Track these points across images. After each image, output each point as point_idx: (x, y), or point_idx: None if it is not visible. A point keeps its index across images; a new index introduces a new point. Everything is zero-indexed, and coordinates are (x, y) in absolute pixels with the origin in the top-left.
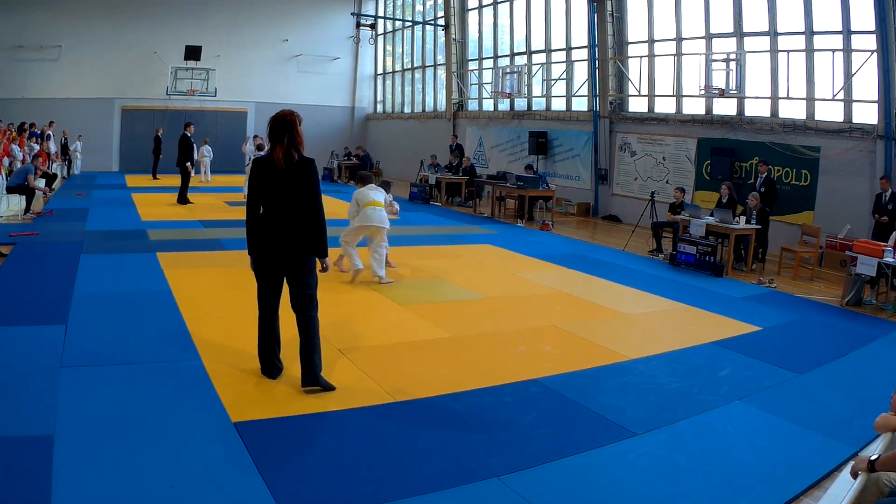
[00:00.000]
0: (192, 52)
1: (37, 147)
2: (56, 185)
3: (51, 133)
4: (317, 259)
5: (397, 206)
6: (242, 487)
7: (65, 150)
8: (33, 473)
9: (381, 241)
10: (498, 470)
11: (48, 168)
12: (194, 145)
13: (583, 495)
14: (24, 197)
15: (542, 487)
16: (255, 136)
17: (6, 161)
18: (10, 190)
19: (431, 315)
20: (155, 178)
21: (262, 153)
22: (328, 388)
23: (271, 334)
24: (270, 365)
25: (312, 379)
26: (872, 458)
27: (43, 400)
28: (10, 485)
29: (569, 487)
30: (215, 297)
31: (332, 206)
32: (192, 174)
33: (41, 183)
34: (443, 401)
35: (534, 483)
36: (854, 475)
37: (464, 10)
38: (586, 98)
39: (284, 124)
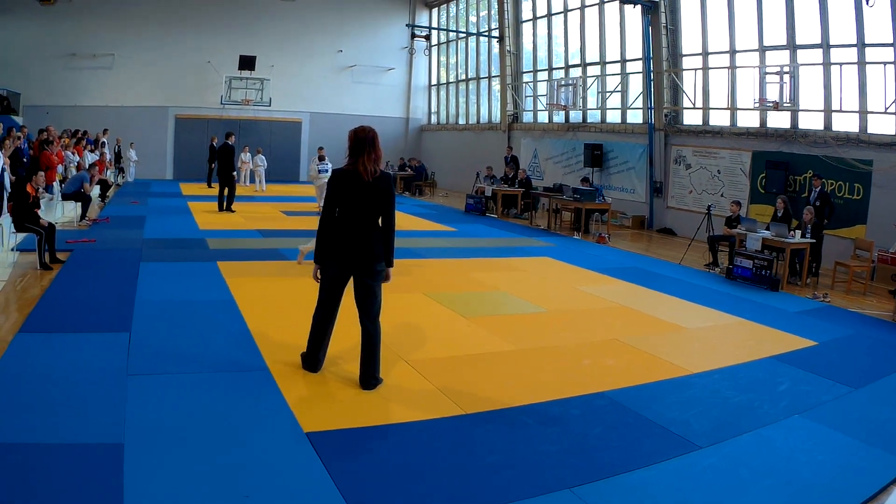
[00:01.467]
0: (247, 62)
1: (95, 156)
2: (110, 192)
3: (105, 141)
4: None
5: None
6: (318, 498)
7: (118, 157)
8: (105, 481)
9: None
10: (570, 482)
11: (104, 174)
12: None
13: None
14: (80, 204)
15: (612, 499)
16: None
17: (60, 168)
18: (66, 197)
19: (496, 327)
20: (210, 186)
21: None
22: (379, 383)
23: (325, 336)
24: (315, 361)
25: (374, 382)
26: None
27: (111, 407)
28: (83, 492)
29: (637, 500)
30: (279, 307)
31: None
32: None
33: (96, 191)
34: (511, 413)
35: (605, 495)
36: None
37: (518, 22)
38: (641, 110)
39: (367, 140)
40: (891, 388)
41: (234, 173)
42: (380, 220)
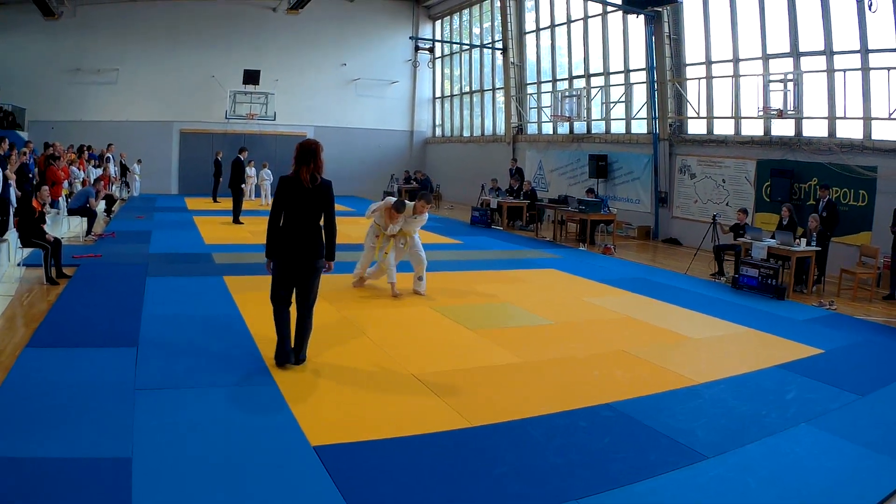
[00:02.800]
0: (251, 77)
1: (98, 171)
2: (115, 207)
3: (110, 156)
4: (325, 260)
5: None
6: None
7: (123, 172)
8: (113, 495)
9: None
10: (577, 493)
11: (108, 189)
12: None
13: None
14: (86, 219)
15: None
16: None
17: (66, 183)
18: (72, 212)
19: (502, 340)
20: (215, 201)
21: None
22: (302, 361)
23: (285, 329)
24: (284, 354)
25: (302, 358)
26: None
27: (119, 422)
28: None
29: None
30: None
31: None
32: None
33: (101, 206)
34: (518, 425)
35: None
36: None
37: (521, 34)
38: (645, 121)
39: (311, 151)
40: None
41: (242, 186)
42: (321, 221)
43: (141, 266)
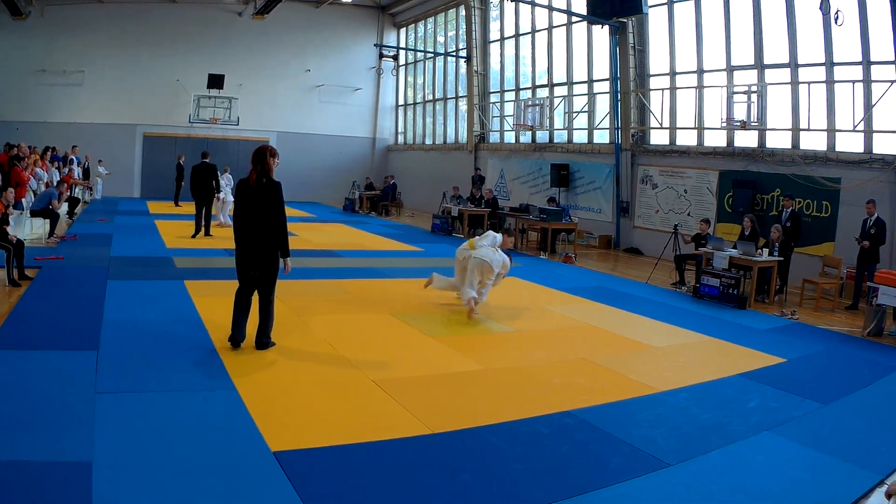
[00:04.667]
0: (215, 81)
1: (62, 172)
2: (78, 209)
3: (74, 157)
4: (282, 259)
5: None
6: None
7: (86, 174)
8: (73, 499)
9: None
10: (538, 500)
11: (72, 192)
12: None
13: None
14: (48, 221)
15: None
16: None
17: (33, 183)
18: (34, 213)
19: (463, 347)
20: (177, 205)
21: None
22: (270, 345)
23: (241, 319)
24: (235, 340)
25: (261, 346)
26: None
27: (80, 426)
28: None
29: None
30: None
31: (355, 238)
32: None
33: (64, 208)
34: (480, 432)
35: None
36: (888, 496)
37: (486, 43)
38: (608, 130)
39: (260, 154)
40: (861, 403)
41: (219, 195)
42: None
43: (102, 269)
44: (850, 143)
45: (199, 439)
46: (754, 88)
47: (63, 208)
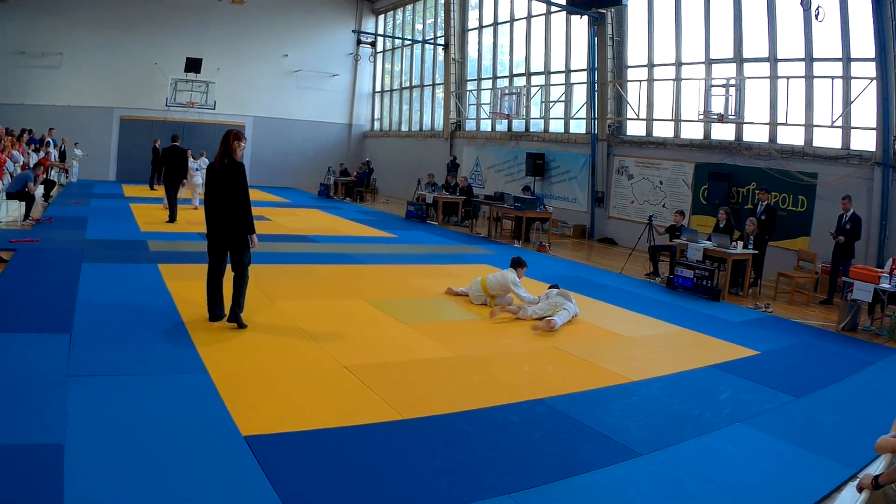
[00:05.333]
0: (193, 65)
1: (39, 155)
2: (53, 192)
3: (51, 140)
4: (249, 236)
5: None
6: (256, 500)
7: (62, 157)
8: (45, 482)
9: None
10: (508, 488)
11: (48, 175)
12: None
13: None
14: (24, 203)
15: None
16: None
17: (10, 165)
18: (10, 196)
19: (435, 334)
20: (152, 188)
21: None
22: (243, 326)
23: (216, 293)
24: (214, 314)
25: (234, 317)
26: (876, 473)
27: (52, 409)
28: (23, 492)
29: None
30: None
31: (329, 223)
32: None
33: (40, 191)
34: (451, 419)
35: (543, 501)
36: (860, 490)
37: (464, 31)
38: (584, 120)
39: (225, 138)
40: (833, 396)
41: (185, 180)
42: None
43: (77, 252)
44: (827, 139)
45: (171, 423)
46: (733, 82)
47: (39, 191)
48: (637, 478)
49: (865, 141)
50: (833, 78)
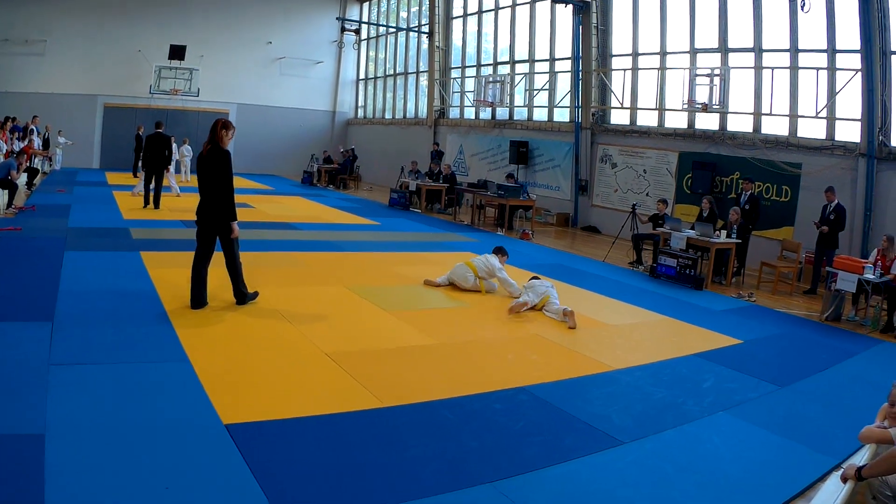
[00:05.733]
0: (177, 52)
1: (22, 143)
2: (37, 180)
3: (34, 128)
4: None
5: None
6: (236, 489)
7: (46, 145)
8: (26, 472)
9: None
10: (490, 476)
11: (31, 163)
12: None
13: (574, 502)
14: (6, 192)
15: (534, 494)
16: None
17: None
18: None
19: (417, 321)
20: (135, 176)
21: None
22: (253, 297)
23: (199, 278)
24: (198, 301)
25: (241, 298)
26: (860, 465)
27: (33, 398)
28: (3, 483)
29: (559, 494)
30: None
31: (312, 211)
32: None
33: (23, 179)
34: (433, 407)
35: (525, 490)
36: (844, 480)
37: (448, 18)
38: (568, 109)
39: (213, 126)
40: (816, 386)
41: (169, 166)
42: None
43: (60, 240)
44: (812, 130)
45: (152, 412)
46: (717, 72)
47: (22, 179)
48: (619, 466)
49: (850, 132)
50: (818, 69)
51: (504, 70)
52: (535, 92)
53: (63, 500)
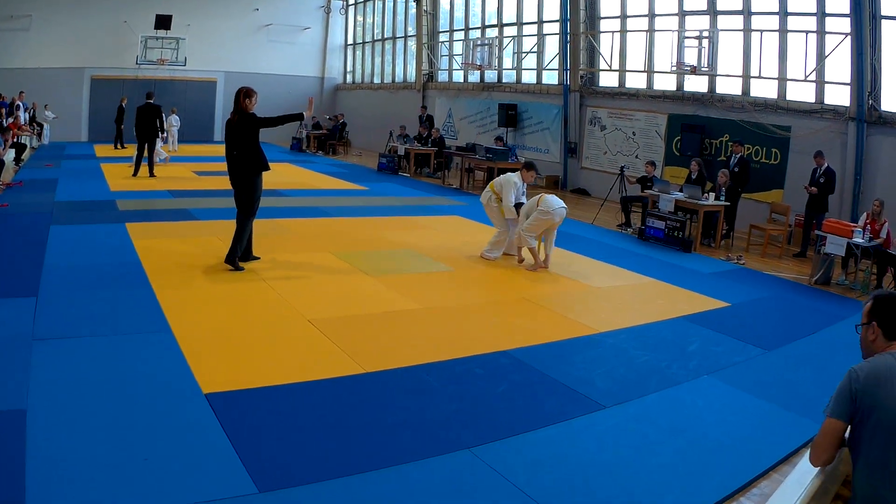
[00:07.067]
0: (163, 21)
1: (10, 119)
2: (25, 155)
3: (20, 104)
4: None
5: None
6: (215, 459)
7: (33, 120)
8: (6, 448)
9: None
10: (469, 442)
11: (18, 139)
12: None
13: (553, 467)
14: None
15: (513, 459)
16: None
17: None
18: None
19: (401, 286)
20: (117, 147)
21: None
22: (238, 269)
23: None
24: (244, 254)
25: (229, 259)
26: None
27: (15, 373)
28: None
29: (539, 459)
30: (185, 269)
31: (300, 177)
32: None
33: (10, 155)
34: (414, 372)
35: (504, 455)
36: None
37: None
38: (557, 71)
39: (236, 96)
40: (804, 350)
41: (162, 135)
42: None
43: (46, 215)
44: (801, 93)
45: (133, 384)
46: (706, 34)
47: (9, 155)
48: (600, 431)
49: (840, 96)
50: (807, 32)
51: (492, 33)
52: (524, 55)
53: (43, 474)
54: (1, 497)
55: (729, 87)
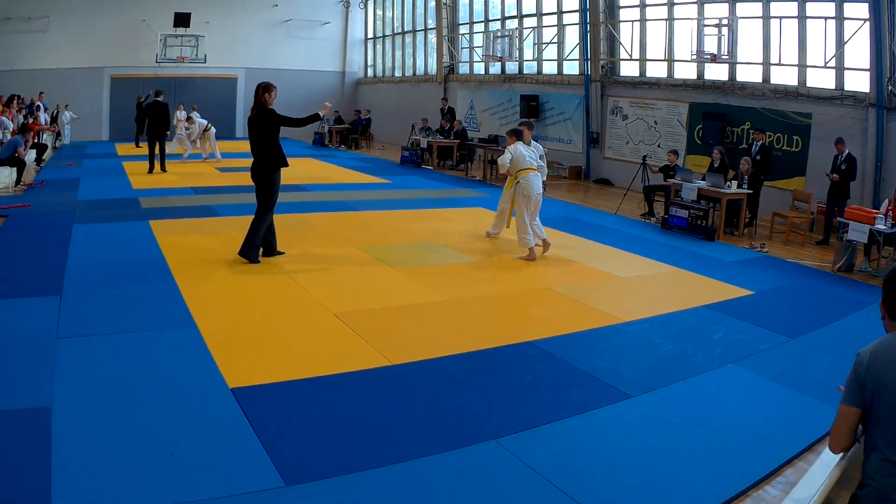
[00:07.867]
0: (181, 19)
1: (29, 119)
2: (46, 155)
3: (40, 104)
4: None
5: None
6: (241, 453)
7: (54, 120)
8: (32, 446)
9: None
10: (495, 432)
11: (39, 139)
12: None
13: (579, 457)
14: (15, 169)
15: (540, 449)
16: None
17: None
18: (1, 163)
19: (426, 278)
20: (138, 146)
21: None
22: (253, 262)
23: (270, 230)
24: (268, 249)
25: (243, 252)
26: None
27: (40, 372)
28: (10, 457)
29: (566, 449)
30: (209, 264)
31: (323, 171)
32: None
33: (31, 155)
34: (439, 363)
35: (531, 445)
36: None
37: None
38: (577, 62)
39: (255, 91)
40: (828, 338)
41: (168, 132)
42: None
43: (68, 214)
44: (821, 80)
45: (159, 380)
46: (725, 21)
47: (30, 156)
48: (626, 420)
49: (859, 82)
50: (826, 18)
51: (512, 24)
52: (544, 45)
53: (69, 471)
54: (27, 493)
55: (749, 74)
